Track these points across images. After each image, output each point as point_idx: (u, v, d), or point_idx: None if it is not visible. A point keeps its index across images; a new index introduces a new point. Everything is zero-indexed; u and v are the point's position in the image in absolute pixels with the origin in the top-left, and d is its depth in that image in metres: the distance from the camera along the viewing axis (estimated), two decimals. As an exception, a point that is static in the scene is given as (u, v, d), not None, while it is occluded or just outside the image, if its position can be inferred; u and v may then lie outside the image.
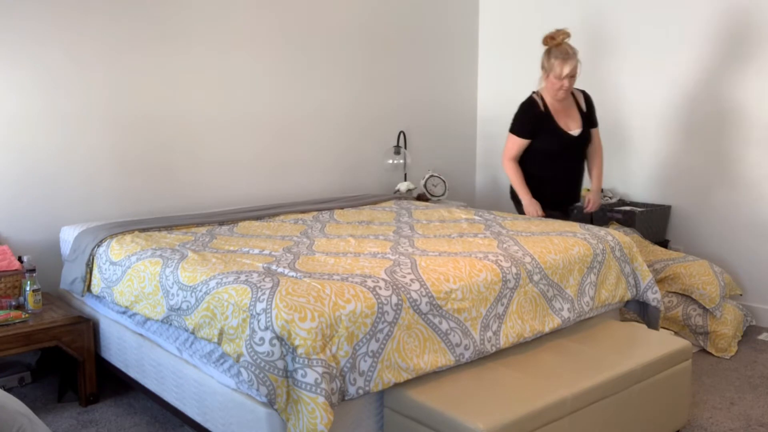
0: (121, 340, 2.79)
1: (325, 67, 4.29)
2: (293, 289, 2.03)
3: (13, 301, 2.88)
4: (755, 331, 3.70)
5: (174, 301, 2.33)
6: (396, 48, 4.65)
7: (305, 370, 1.88)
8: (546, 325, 2.50)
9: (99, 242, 2.89)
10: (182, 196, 3.75)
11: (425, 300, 2.17)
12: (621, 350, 2.43)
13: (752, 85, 3.73)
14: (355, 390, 1.98)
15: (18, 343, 2.67)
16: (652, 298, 2.94)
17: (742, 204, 3.83)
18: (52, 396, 2.98)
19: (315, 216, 3.40)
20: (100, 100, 3.42)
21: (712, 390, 2.97)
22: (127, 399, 2.95)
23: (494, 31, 5.04)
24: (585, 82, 4.50)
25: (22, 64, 3.18)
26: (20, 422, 1.52)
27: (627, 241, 2.97)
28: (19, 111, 3.19)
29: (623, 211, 3.95)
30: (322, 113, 4.31)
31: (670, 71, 4.07)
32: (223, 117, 3.87)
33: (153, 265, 2.52)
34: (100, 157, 3.45)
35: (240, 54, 3.91)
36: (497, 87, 5.00)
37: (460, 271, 2.33)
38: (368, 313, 2.03)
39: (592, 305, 2.71)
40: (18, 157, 3.20)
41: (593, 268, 2.75)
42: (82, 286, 2.88)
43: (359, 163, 4.54)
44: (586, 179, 3.64)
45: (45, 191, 3.28)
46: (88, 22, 3.35)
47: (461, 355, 2.22)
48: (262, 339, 1.93)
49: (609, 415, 2.21)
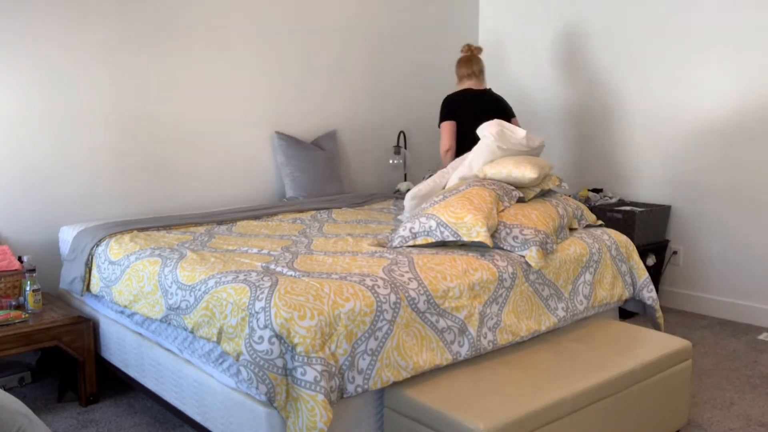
0: (120, 340, 2.79)
1: (325, 67, 4.30)
2: (292, 288, 2.03)
3: (13, 301, 2.88)
4: (755, 331, 3.70)
5: (173, 301, 2.33)
6: (396, 48, 4.65)
7: (304, 368, 1.88)
8: (542, 324, 2.51)
9: (98, 242, 2.89)
10: (181, 196, 3.75)
11: (423, 298, 2.17)
12: (621, 350, 2.43)
13: (752, 84, 3.73)
14: (354, 388, 1.98)
15: (18, 343, 2.67)
16: (648, 297, 2.95)
17: (742, 204, 3.83)
18: (52, 396, 2.98)
19: (313, 215, 3.40)
20: (100, 100, 3.43)
21: (712, 390, 2.96)
22: (127, 399, 2.95)
23: (494, 31, 5.05)
24: (585, 82, 4.51)
25: (22, 65, 3.18)
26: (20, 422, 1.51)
27: (623, 239, 2.97)
28: (19, 111, 3.19)
29: (623, 211, 3.94)
30: (322, 112, 4.31)
31: (670, 71, 4.07)
32: (223, 117, 3.87)
33: (152, 265, 2.53)
34: (100, 157, 3.45)
35: (240, 54, 3.91)
36: (497, 86, 5.00)
37: (456, 269, 2.33)
38: (367, 311, 2.03)
39: (586, 304, 2.71)
40: (18, 157, 3.20)
41: (589, 267, 2.75)
42: (82, 285, 2.88)
43: (359, 162, 4.54)
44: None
45: (45, 191, 3.29)
46: (89, 22, 3.35)
47: (458, 353, 2.23)
48: (261, 337, 1.93)
49: (609, 415, 2.21)
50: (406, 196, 3.12)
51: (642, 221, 3.91)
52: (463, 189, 2.66)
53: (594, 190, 4.35)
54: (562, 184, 3.06)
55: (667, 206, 4.12)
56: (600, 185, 4.49)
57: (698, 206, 4.02)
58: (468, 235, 2.47)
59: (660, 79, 4.12)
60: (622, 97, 4.32)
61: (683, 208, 4.10)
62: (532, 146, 3.01)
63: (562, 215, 2.80)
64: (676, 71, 4.04)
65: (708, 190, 3.97)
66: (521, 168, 2.75)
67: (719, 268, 3.96)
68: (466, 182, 2.76)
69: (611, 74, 4.37)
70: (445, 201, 2.60)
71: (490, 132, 2.91)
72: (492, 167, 2.82)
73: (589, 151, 4.53)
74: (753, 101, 3.73)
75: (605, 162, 4.45)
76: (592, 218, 3.08)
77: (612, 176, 4.42)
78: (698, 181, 4.01)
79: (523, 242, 2.51)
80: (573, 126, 4.62)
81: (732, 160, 3.85)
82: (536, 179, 2.78)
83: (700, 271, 4.05)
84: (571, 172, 4.64)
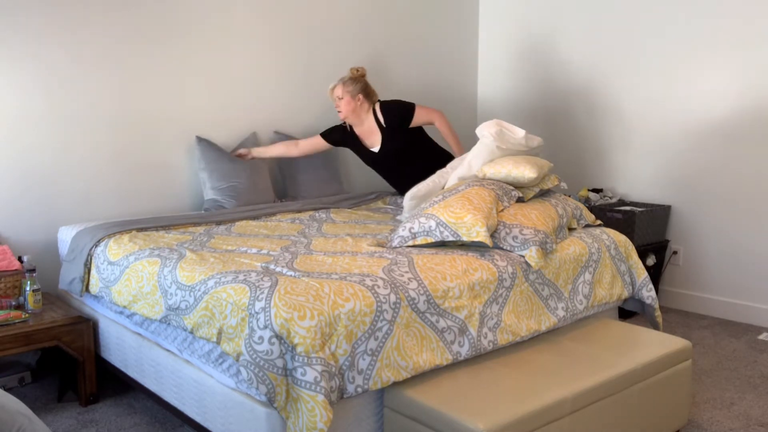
0: (120, 340, 2.79)
1: (324, 66, 4.30)
2: (292, 288, 2.03)
3: (13, 301, 2.88)
4: (755, 331, 3.70)
5: (172, 301, 2.33)
6: (397, 47, 4.65)
7: (304, 368, 1.88)
8: (542, 324, 2.51)
9: (97, 242, 2.89)
10: (180, 195, 3.75)
11: (423, 298, 2.17)
12: (621, 350, 2.43)
13: (753, 84, 3.73)
14: (354, 388, 1.98)
15: (18, 343, 2.67)
16: (647, 296, 2.95)
17: (743, 204, 3.83)
18: (52, 396, 2.98)
19: (312, 215, 3.40)
20: (100, 100, 3.43)
21: (712, 390, 2.96)
22: (127, 399, 2.95)
23: (494, 30, 5.05)
24: (585, 82, 4.51)
25: (23, 64, 3.18)
26: (20, 422, 1.51)
27: (622, 239, 2.97)
28: (19, 111, 3.19)
29: (623, 211, 3.94)
30: (322, 112, 4.31)
31: (670, 71, 4.07)
32: (223, 117, 3.87)
33: (151, 265, 2.53)
34: (99, 157, 3.45)
35: (241, 53, 3.91)
36: (497, 86, 5.00)
37: (456, 269, 2.33)
38: (367, 311, 2.03)
39: (586, 304, 2.72)
40: (18, 158, 3.20)
41: (588, 266, 2.76)
42: (81, 286, 2.88)
43: (359, 162, 4.54)
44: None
45: (44, 191, 3.29)
46: (89, 22, 3.35)
47: (458, 353, 2.23)
48: (261, 338, 1.93)
49: (609, 415, 2.21)
50: (405, 196, 3.12)
51: (642, 221, 3.91)
52: (462, 189, 2.66)
53: (594, 190, 4.35)
54: (561, 183, 3.07)
55: (667, 206, 4.12)
56: (600, 185, 4.49)
57: (698, 206, 4.02)
58: (468, 235, 2.47)
59: (660, 79, 4.12)
60: (623, 97, 4.32)
61: (683, 208, 4.10)
62: (531, 146, 3.01)
63: (562, 215, 2.80)
64: (676, 71, 4.04)
65: (708, 190, 3.97)
66: (520, 168, 2.75)
67: (719, 268, 3.96)
68: (465, 182, 2.76)
69: (611, 74, 4.37)
70: (444, 201, 2.60)
71: (489, 132, 2.91)
72: (491, 167, 2.82)
73: (589, 151, 4.53)
74: (753, 101, 3.73)
75: (605, 162, 4.45)
76: (591, 218, 3.08)
77: (612, 176, 4.42)
78: (698, 181, 4.01)
79: (522, 242, 2.51)
80: (572, 126, 4.62)
81: (732, 160, 3.85)
82: (535, 179, 2.78)
83: (700, 271, 4.05)
84: (571, 172, 4.64)
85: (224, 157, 3.66)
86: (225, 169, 3.64)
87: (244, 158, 3.74)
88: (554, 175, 3.02)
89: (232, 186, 3.62)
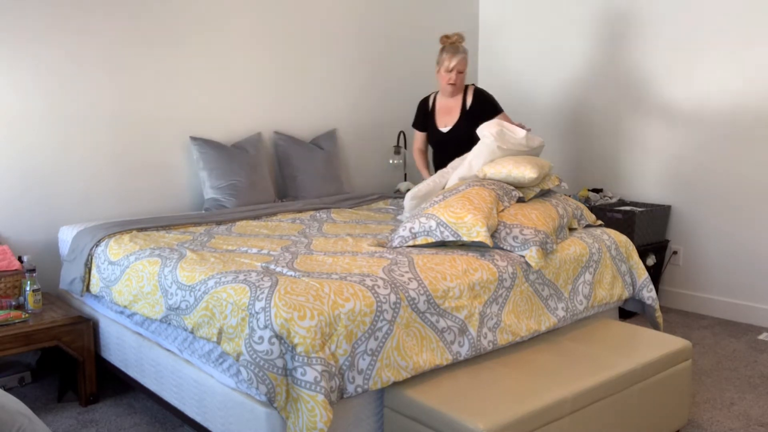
0: (120, 340, 2.79)
1: (325, 67, 4.30)
2: (292, 288, 2.03)
3: (13, 301, 2.88)
4: (755, 331, 3.70)
5: (173, 301, 2.33)
6: (397, 47, 4.65)
7: (304, 368, 1.88)
8: (542, 324, 2.51)
9: (97, 242, 2.89)
10: (181, 195, 3.75)
11: (423, 298, 2.17)
12: (621, 350, 2.43)
13: (753, 84, 3.73)
14: (354, 388, 1.98)
15: (18, 343, 2.67)
16: (647, 296, 2.95)
17: (742, 204, 3.83)
18: (52, 396, 2.98)
19: (312, 215, 3.40)
20: (100, 100, 3.43)
21: (712, 390, 2.96)
22: (127, 399, 2.95)
23: (494, 29, 5.05)
24: (585, 82, 4.51)
25: (23, 64, 3.18)
26: (20, 422, 1.51)
27: (623, 239, 2.97)
28: (19, 111, 3.19)
29: (623, 211, 3.94)
30: (322, 112, 4.32)
31: (670, 71, 4.07)
32: (223, 117, 3.87)
33: (151, 265, 2.53)
34: (99, 157, 3.45)
35: (240, 53, 3.91)
36: (497, 85, 5.00)
37: (456, 269, 2.33)
38: (367, 311, 2.03)
39: (586, 304, 2.72)
40: (18, 158, 3.20)
41: (589, 267, 2.76)
42: (81, 286, 2.88)
43: (359, 162, 4.54)
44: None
45: (45, 191, 3.29)
46: (89, 22, 3.35)
47: (458, 353, 2.23)
48: (261, 338, 1.93)
49: (609, 415, 2.21)
50: (405, 196, 3.12)
51: (642, 221, 3.91)
52: (462, 189, 2.66)
53: (594, 190, 4.35)
54: (562, 183, 3.07)
55: (667, 206, 4.12)
56: (600, 185, 4.49)
57: (698, 206, 4.02)
58: (468, 235, 2.47)
59: (660, 79, 4.12)
60: (622, 96, 4.32)
61: (683, 208, 4.10)
62: (532, 146, 3.01)
63: (562, 215, 2.80)
64: (676, 71, 4.04)
65: (708, 190, 3.97)
66: (521, 168, 2.75)
67: (719, 268, 3.97)
68: (465, 182, 2.76)
69: (611, 74, 4.37)
70: (445, 201, 2.60)
71: (489, 132, 2.91)
72: (492, 167, 2.82)
73: (589, 151, 4.53)
74: (753, 101, 3.73)
75: (605, 162, 4.46)
76: (592, 218, 3.08)
77: (612, 176, 4.42)
78: (698, 181, 4.01)
79: (523, 242, 2.51)
80: (573, 125, 4.62)
81: (732, 160, 3.85)
82: (536, 179, 2.78)
83: (700, 271, 4.05)
84: (571, 172, 4.64)
85: (223, 156, 3.67)
86: (224, 167, 3.64)
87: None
88: (555, 175, 3.02)
89: (232, 185, 3.62)
